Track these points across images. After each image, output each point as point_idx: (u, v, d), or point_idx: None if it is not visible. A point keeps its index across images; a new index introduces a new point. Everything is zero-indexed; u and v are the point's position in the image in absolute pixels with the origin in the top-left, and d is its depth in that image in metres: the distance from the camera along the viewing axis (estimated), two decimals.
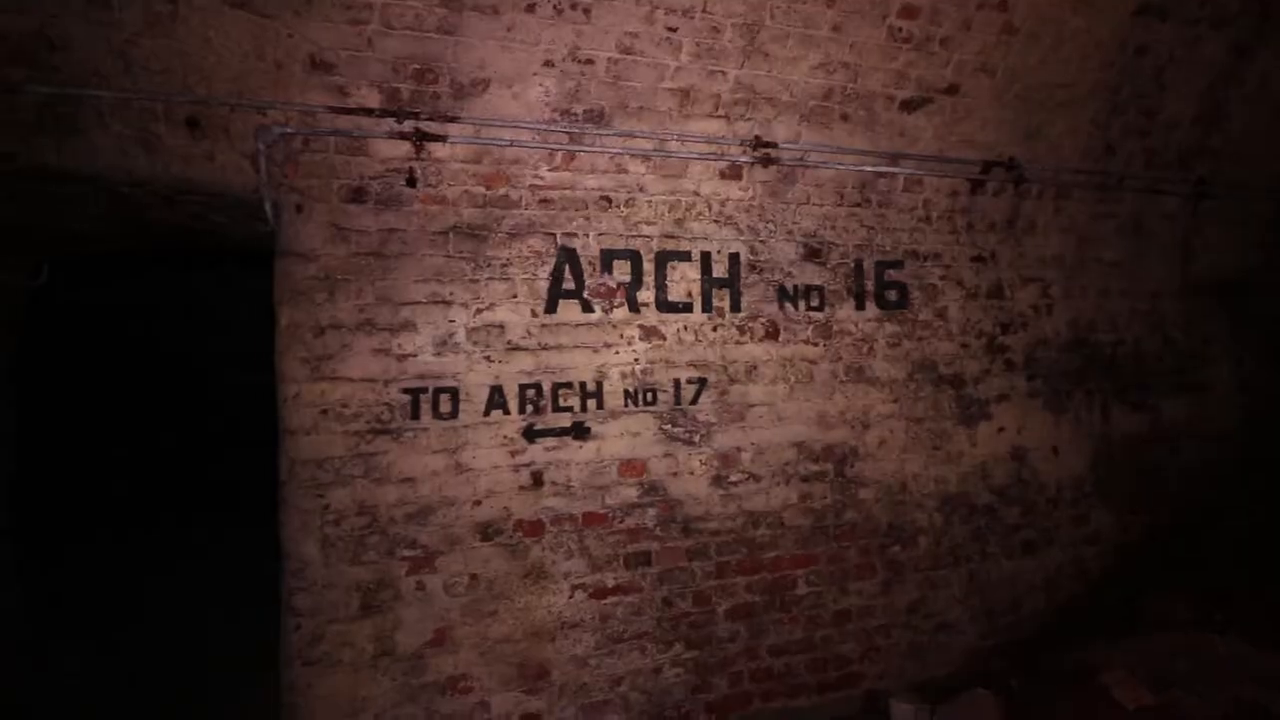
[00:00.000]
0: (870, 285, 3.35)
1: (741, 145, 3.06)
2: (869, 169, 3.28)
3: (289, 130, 2.54)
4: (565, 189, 2.89)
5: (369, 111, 2.61)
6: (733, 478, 3.04)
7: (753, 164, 3.10)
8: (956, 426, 3.50)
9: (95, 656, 3.90)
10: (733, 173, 3.10)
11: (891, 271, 3.40)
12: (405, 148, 2.67)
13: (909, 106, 3.24)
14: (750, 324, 3.12)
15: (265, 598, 4.50)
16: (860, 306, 3.32)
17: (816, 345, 3.22)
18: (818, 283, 3.25)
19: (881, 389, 3.34)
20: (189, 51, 2.45)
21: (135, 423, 7.87)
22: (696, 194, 3.07)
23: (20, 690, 3.12)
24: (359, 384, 2.59)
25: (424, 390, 2.65)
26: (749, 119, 3.05)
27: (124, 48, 2.41)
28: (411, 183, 2.68)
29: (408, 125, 2.65)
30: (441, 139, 2.68)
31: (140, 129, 2.44)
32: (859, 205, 3.35)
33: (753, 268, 3.15)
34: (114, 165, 2.45)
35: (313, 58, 2.56)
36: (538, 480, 2.76)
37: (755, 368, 3.11)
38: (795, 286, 3.20)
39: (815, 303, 3.23)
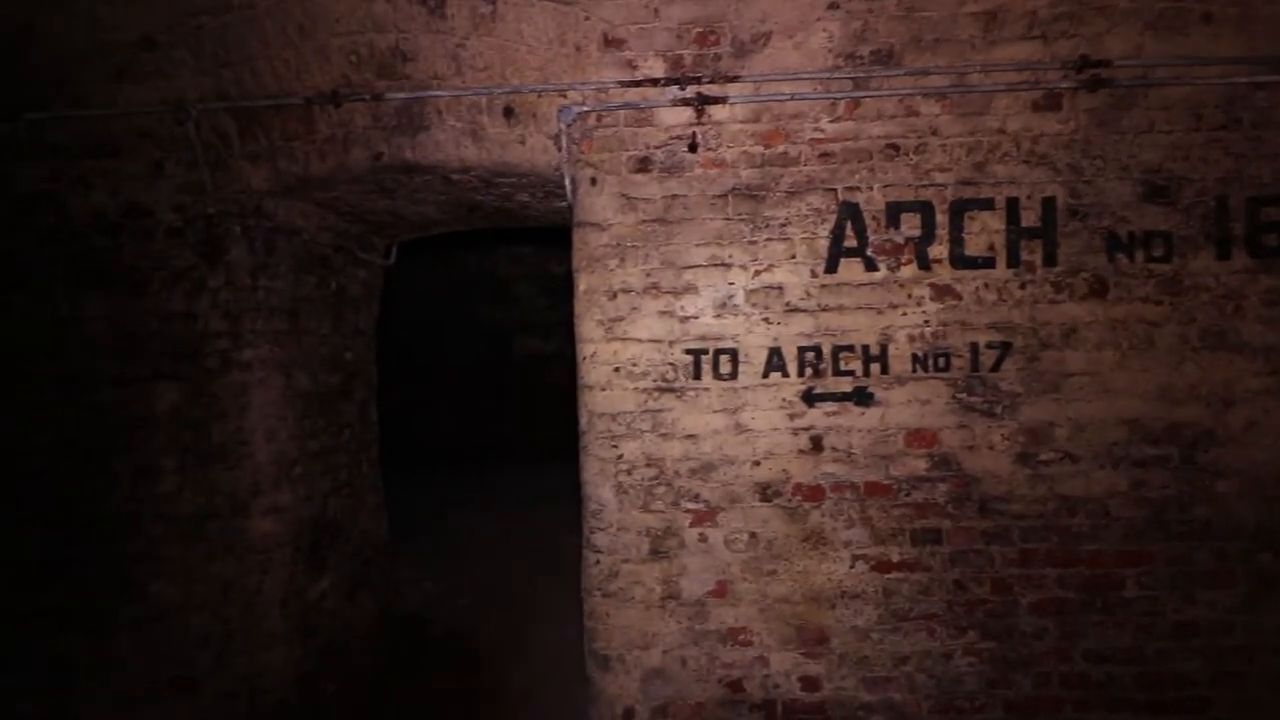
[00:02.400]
0: (1239, 228, 2.67)
1: (1062, 69, 2.61)
2: (1241, 80, 2.59)
3: (585, 108, 2.73)
4: (847, 140, 2.72)
5: (654, 82, 2.71)
6: (1043, 456, 2.66)
7: (1076, 89, 2.63)
8: None
9: (432, 572, 4.76)
10: (1049, 102, 2.66)
11: (1272, 210, 2.67)
12: (687, 114, 2.72)
13: None
14: (1069, 280, 2.68)
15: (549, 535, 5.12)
16: (1223, 255, 2.67)
17: (1159, 304, 2.66)
18: (1162, 228, 2.67)
19: (1252, 358, 2.66)
20: (506, 46, 2.75)
21: (452, 382, 9.36)
22: (1001, 132, 2.69)
23: (384, 598, 3.92)
24: (646, 344, 2.74)
25: (705, 351, 2.72)
26: (1073, 36, 2.58)
27: (455, 51, 2.78)
28: (693, 148, 2.73)
29: (690, 91, 2.69)
30: (721, 100, 2.68)
31: (469, 121, 2.81)
32: (1223, 128, 2.67)
33: (1073, 213, 2.69)
34: (450, 155, 2.85)
35: (606, 36, 2.71)
36: (817, 445, 2.69)
37: (1074, 331, 2.67)
38: (1131, 234, 2.67)
39: (1158, 252, 2.66)
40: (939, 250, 2.70)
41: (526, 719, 3.25)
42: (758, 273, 2.73)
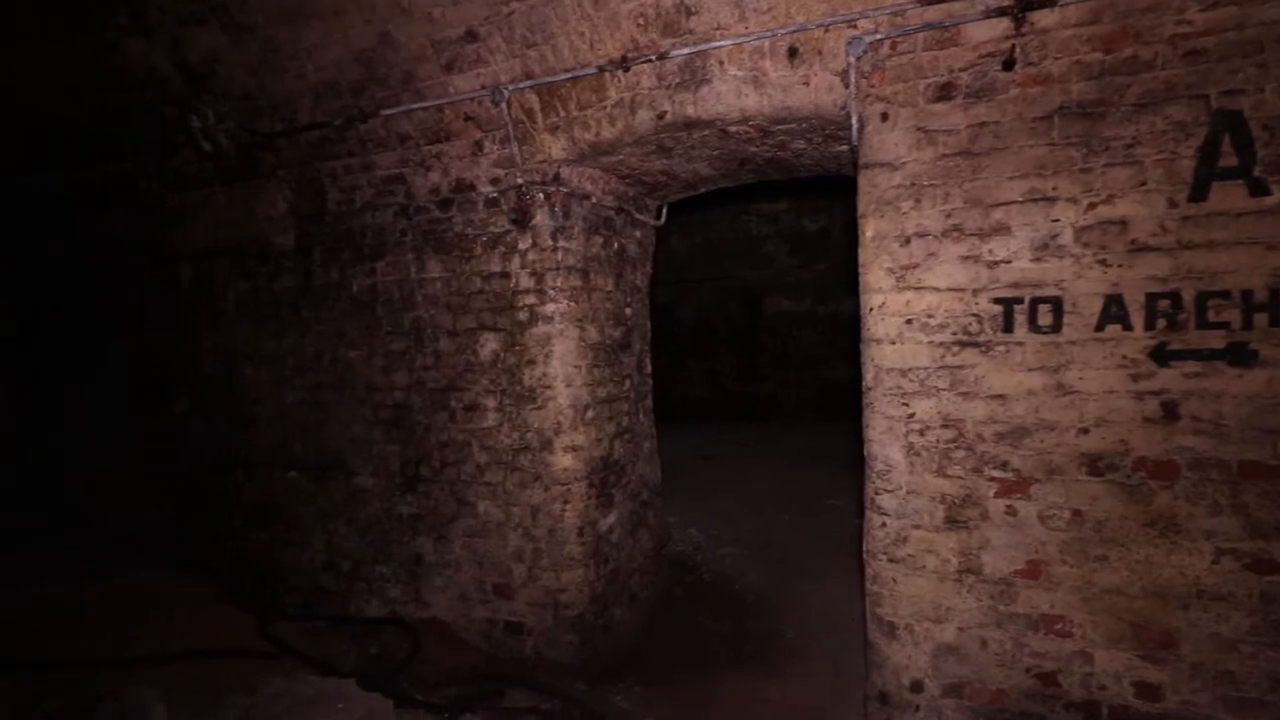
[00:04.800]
0: None
1: None
2: None
3: (877, 37, 2.51)
4: (1227, 30, 2.14)
5: None
6: None
7: None
8: None
9: (694, 520, 5.00)
10: None
11: None
12: (1003, 25, 2.36)
13: None
14: None
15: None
16: None
17: None
18: None
19: None
20: None
21: (704, 340, 9.65)
22: None
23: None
24: (945, 294, 2.48)
25: (1018, 300, 2.39)
26: None
27: None
28: (1008, 65, 2.37)
29: None
30: (1049, 3, 2.28)
31: (751, 68, 2.76)
32: None
33: None
34: (730, 106, 2.83)
35: None
36: (1170, 413, 2.22)
37: None
38: None
39: None
40: None
41: (797, 671, 3.26)
42: (1092, 206, 2.30)
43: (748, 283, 9.49)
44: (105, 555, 4.45)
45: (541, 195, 3.25)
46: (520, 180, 3.25)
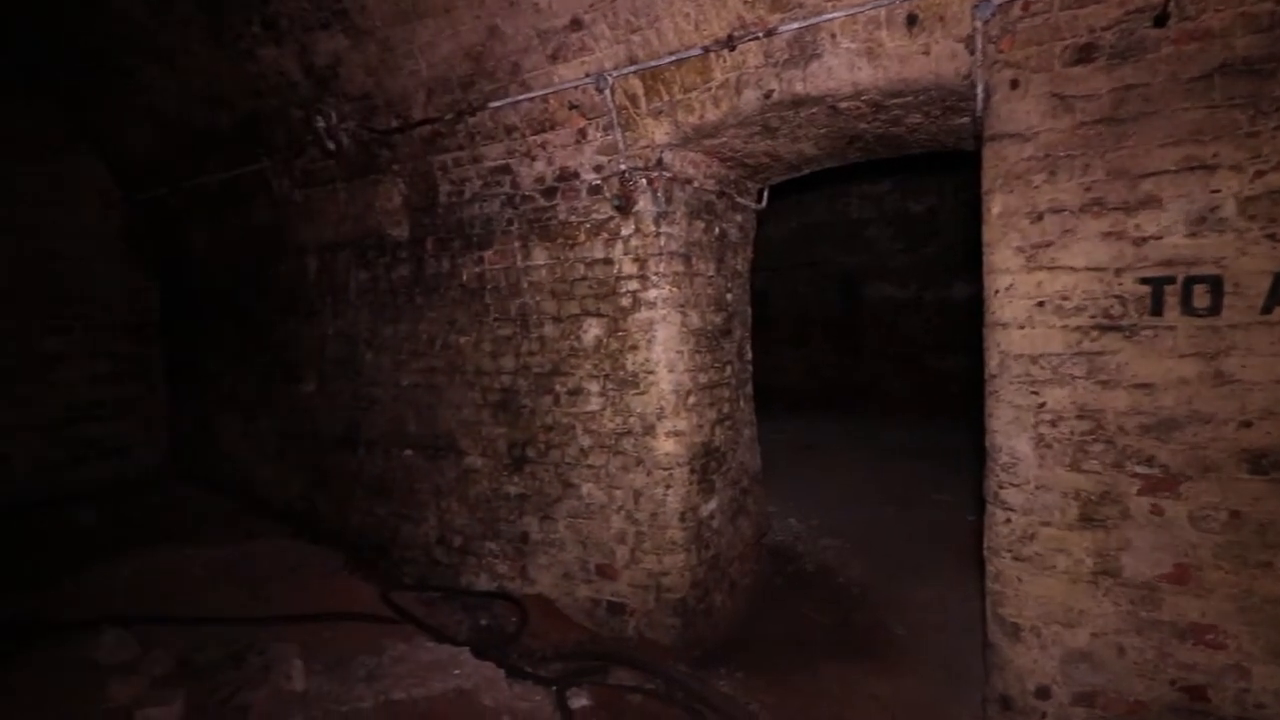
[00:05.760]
0: None
1: None
2: None
3: None
4: None
5: None
6: None
7: None
8: None
9: (794, 510, 4.92)
10: None
11: None
12: None
13: None
14: None
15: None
16: None
17: None
18: None
19: None
20: None
21: (800, 327, 9.44)
22: None
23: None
24: (1082, 274, 2.30)
25: (1169, 280, 2.18)
26: None
27: None
28: (1160, 21, 2.15)
29: None
30: None
31: (865, 39, 2.64)
32: None
33: None
34: (842, 80, 2.73)
35: None
36: None
37: None
38: None
39: None
40: None
41: (907, 668, 3.14)
42: (1259, 174, 2.06)
43: (847, 268, 9.18)
44: (246, 521, 4.89)
45: (644, 181, 3.25)
46: (623, 166, 3.27)
